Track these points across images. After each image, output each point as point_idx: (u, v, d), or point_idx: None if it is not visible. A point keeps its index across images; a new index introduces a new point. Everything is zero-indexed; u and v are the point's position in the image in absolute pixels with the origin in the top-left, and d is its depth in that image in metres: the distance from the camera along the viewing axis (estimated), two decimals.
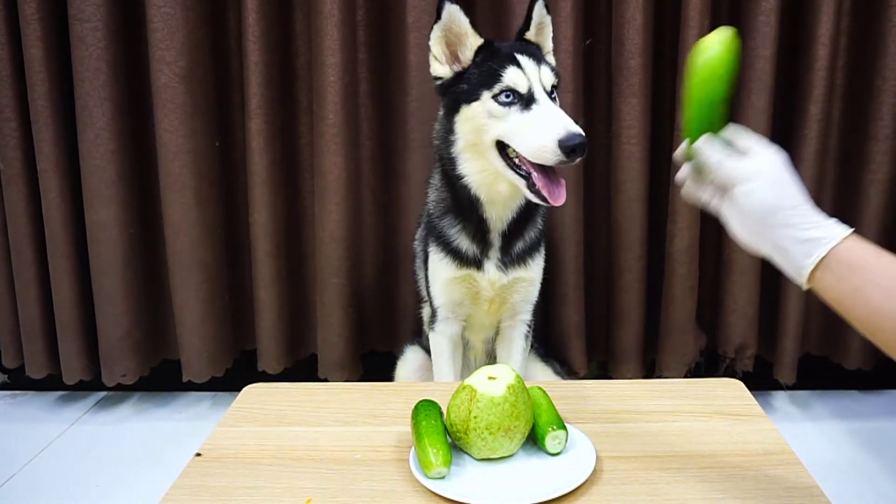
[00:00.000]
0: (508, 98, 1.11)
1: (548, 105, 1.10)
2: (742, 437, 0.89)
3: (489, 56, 1.16)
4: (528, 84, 1.12)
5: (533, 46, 1.22)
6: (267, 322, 1.80)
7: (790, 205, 0.68)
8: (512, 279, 1.27)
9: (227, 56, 1.75)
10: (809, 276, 0.66)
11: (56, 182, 1.72)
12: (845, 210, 1.72)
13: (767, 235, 0.69)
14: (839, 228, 0.67)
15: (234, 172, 1.80)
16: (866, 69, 1.64)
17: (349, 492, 0.79)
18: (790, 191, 0.68)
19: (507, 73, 1.11)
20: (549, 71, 1.16)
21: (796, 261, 0.67)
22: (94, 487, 1.54)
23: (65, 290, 1.78)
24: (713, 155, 0.72)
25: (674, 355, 1.77)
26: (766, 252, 0.70)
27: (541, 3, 1.22)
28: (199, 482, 0.82)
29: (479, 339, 1.43)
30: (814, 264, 0.65)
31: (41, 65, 1.64)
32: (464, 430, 0.81)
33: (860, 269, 0.63)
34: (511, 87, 1.11)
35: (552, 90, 1.15)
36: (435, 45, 1.20)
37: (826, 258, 0.65)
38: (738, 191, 0.69)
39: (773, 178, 0.69)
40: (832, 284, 0.65)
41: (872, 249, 0.64)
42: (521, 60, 1.13)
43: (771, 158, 0.70)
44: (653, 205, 1.71)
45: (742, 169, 0.70)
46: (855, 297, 0.63)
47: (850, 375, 1.82)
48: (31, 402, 1.98)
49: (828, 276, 0.65)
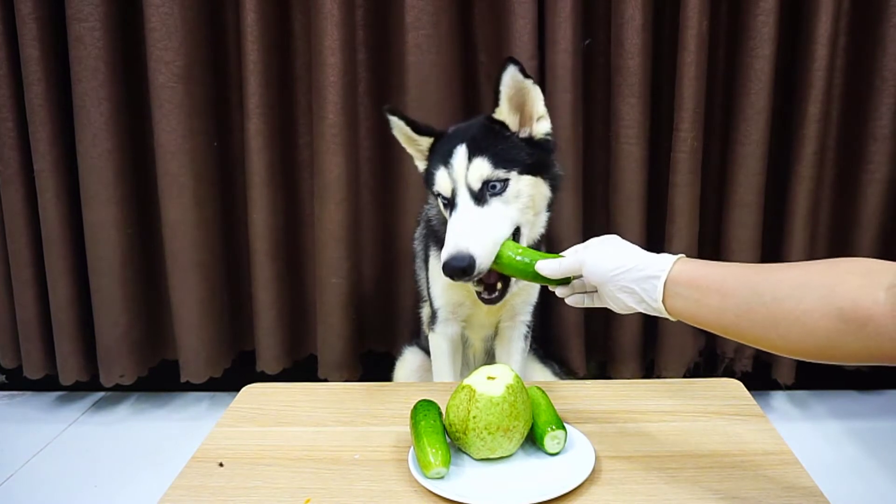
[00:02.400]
0: (444, 200, 1.11)
1: (463, 212, 1.04)
2: (741, 437, 0.89)
3: (437, 149, 1.14)
4: (452, 187, 1.07)
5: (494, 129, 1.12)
6: (266, 322, 1.80)
7: (624, 255, 0.78)
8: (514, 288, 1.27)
9: (226, 56, 1.75)
10: (665, 306, 0.74)
11: (53, 182, 1.71)
12: (844, 210, 1.73)
13: (620, 287, 0.77)
14: (668, 257, 0.75)
15: (232, 172, 1.80)
16: (865, 69, 1.64)
17: (348, 492, 0.79)
18: (622, 247, 0.80)
19: (436, 177, 1.10)
20: (485, 163, 1.05)
21: (648, 297, 0.75)
22: (92, 488, 1.54)
23: (62, 290, 1.78)
24: (551, 264, 0.85)
25: (673, 355, 1.77)
26: (630, 304, 0.77)
27: (512, 71, 1.07)
28: (198, 482, 0.82)
29: (478, 337, 1.42)
30: (661, 294, 0.73)
31: (38, 64, 1.64)
32: (463, 430, 0.81)
33: (695, 284, 0.71)
34: (439, 193, 1.10)
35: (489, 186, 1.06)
36: (404, 145, 1.24)
37: (667, 285, 0.73)
38: (585, 269, 0.80)
39: (604, 247, 0.81)
40: (682, 305, 0.72)
41: (701, 264, 0.73)
42: (453, 159, 1.07)
43: (596, 239, 0.84)
44: (652, 205, 1.71)
45: (578, 255, 0.82)
46: (700, 309, 0.71)
47: (849, 375, 1.83)
48: (28, 403, 1.97)
49: (677, 301, 0.73)
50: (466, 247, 0.98)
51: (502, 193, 1.06)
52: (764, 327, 0.65)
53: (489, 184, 1.06)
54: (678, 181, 1.64)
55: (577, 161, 1.67)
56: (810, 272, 0.64)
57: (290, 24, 1.72)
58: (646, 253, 0.78)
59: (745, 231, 1.67)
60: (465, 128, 1.14)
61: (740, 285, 0.68)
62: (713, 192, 1.73)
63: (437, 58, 1.63)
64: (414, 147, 1.23)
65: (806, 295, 0.62)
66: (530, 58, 1.61)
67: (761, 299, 0.65)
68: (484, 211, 1.04)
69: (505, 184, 1.07)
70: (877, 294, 0.58)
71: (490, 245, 0.99)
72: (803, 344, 0.63)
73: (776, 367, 1.77)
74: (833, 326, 0.60)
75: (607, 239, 0.83)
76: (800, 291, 0.63)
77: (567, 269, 0.84)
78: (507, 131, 1.11)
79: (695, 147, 1.62)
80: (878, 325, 0.57)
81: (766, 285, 0.66)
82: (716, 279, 0.70)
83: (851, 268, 0.63)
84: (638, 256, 0.77)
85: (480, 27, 1.69)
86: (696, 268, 0.73)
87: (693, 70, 1.57)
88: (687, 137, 1.60)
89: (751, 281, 0.67)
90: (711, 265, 0.72)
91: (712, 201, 1.74)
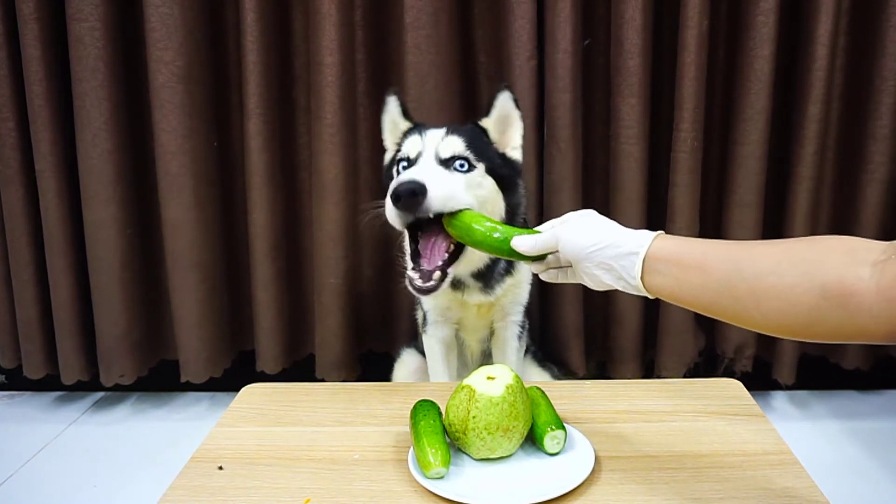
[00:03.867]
0: (404, 165, 1.08)
1: (419, 165, 1.03)
2: (740, 437, 0.88)
3: (414, 130, 1.16)
4: (419, 150, 1.07)
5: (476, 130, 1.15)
6: (265, 322, 1.80)
7: (601, 231, 0.75)
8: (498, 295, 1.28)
9: (226, 56, 1.75)
10: (644, 283, 0.71)
11: (54, 182, 1.72)
12: (844, 210, 1.73)
13: (597, 263, 0.74)
14: (647, 234, 0.73)
15: (232, 172, 1.80)
16: (865, 69, 1.64)
17: (347, 492, 0.79)
18: (599, 223, 0.77)
19: (405, 143, 1.10)
20: (459, 141, 1.07)
21: (626, 273, 0.72)
22: (91, 488, 1.54)
23: (63, 290, 1.78)
24: (528, 240, 0.82)
25: (672, 355, 1.77)
26: (607, 281, 0.75)
27: (506, 97, 1.12)
28: (197, 482, 0.82)
29: (473, 339, 1.42)
30: (639, 271, 0.71)
31: (39, 64, 1.64)
32: (462, 430, 0.81)
33: (675, 260, 0.69)
34: (404, 156, 1.09)
35: (457, 160, 1.06)
36: (385, 134, 1.24)
37: (647, 261, 0.70)
38: (561, 245, 0.78)
39: (581, 223, 0.78)
40: (661, 282, 0.70)
41: (681, 240, 0.71)
42: (429, 131, 1.08)
43: (573, 214, 0.81)
44: (652, 205, 1.71)
45: (555, 231, 0.79)
46: (681, 286, 0.69)
47: (849, 375, 1.83)
48: (28, 403, 1.97)
49: (655, 278, 0.70)
50: (421, 177, 0.94)
51: (467, 173, 1.06)
52: (745, 304, 0.64)
53: (457, 159, 1.06)
54: (678, 181, 1.64)
55: (577, 161, 1.67)
56: (793, 248, 0.64)
57: (289, 24, 1.72)
58: (624, 229, 0.75)
59: (745, 231, 1.67)
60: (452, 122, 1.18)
61: (721, 261, 0.66)
62: (713, 192, 1.73)
63: (437, 58, 1.63)
64: (394, 133, 1.23)
65: (788, 271, 0.61)
66: (530, 58, 1.61)
67: (742, 275, 0.64)
68: (445, 171, 1.05)
69: (472, 167, 1.08)
70: (860, 270, 0.57)
71: (447, 188, 0.95)
72: (785, 320, 0.62)
73: (776, 367, 1.77)
74: (815, 303, 0.59)
75: (584, 213, 0.80)
76: (782, 267, 0.62)
77: (544, 245, 0.81)
78: (488, 138, 1.16)
79: (695, 147, 1.62)
80: (861, 301, 0.57)
81: (748, 261, 0.64)
82: (696, 255, 0.68)
83: (835, 245, 0.62)
84: (616, 233, 0.75)
85: (480, 27, 1.69)
86: (675, 244, 0.70)
87: (693, 70, 1.57)
88: (687, 137, 1.60)
89: (732, 257, 0.66)
90: (692, 241, 0.71)
91: (712, 201, 1.74)
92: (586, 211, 0.81)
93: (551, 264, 0.85)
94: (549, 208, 1.69)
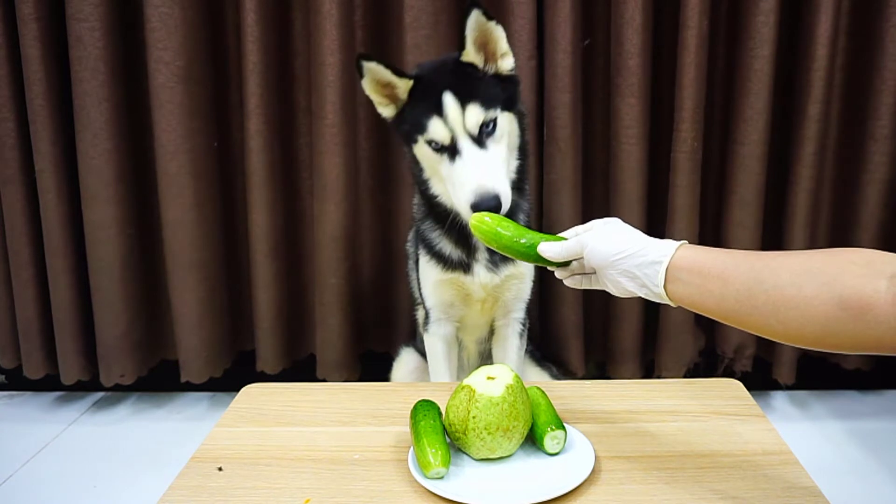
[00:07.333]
0: (437, 146, 1.12)
1: (470, 157, 1.09)
2: (741, 437, 0.88)
3: (420, 95, 1.15)
4: (451, 134, 1.10)
5: (467, 71, 1.15)
6: (265, 322, 1.80)
7: (626, 240, 0.77)
8: (504, 277, 1.27)
9: (226, 56, 1.75)
10: (667, 291, 0.73)
11: (54, 182, 1.72)
12: (844, 210, 1.73)
13: (622, 271, 0.77)
14: (671, 243, 0.75)
15: (232, 172, 1.80)
16: (865, 69, 1.64)
17: (347, 492, 0.79)
18: (624, 231, 0.79)
19: (430, 126, 1.11)
20: (478, 108, 1.09)
21: (649, 282, 0.74)
22: (91, 488, 1.54)
23: (62, 290, 1.78)
24: (554, 247, 0.84)
25: (672, 355, 1.77)
26: (630, 288, 0.77)
27: (476, 14, 1.11)
28: (198, 483, 0.82)
29: (471, 339, 1.42)
30: (662, 280, 0.73)
31: (39, 64, 1.64)
32: (462, 430, 0.81)
33: (697, 270, 0.71)
34: (435, 140, 1.12)
35: (485, 128, 1.11)
36: (370, 94, 1.21)
37: (669, 270, 0.73)
38: (586, 252, 0.80)
39: (606, 230, 0.80)
40: (683, 291, 0.72)
41: (703, 250, 0.73)
42: (445, 106, 1.09)
43: (598, 222, 0.83)
44: (652, 205, 1.71)
45: (581, 238, 0.82)
46: (702, 295, 0.71)
47: (849, 375, 1.83)
48: (28, 403, 1.97)
49: (678, 286, 0.73)
50: (493, 185, 1.04)
51: (494, 133, 1.11)
52: (764, 314, 0.66)
53: (483, 126, 1.10)
54: (678, 181, 1.64)
55: (577, 161, 1.67)
56: (812, 260, 0.65)
57: (289, 24, 1.72)
58: (648, 238, 0.77)
59: (745, 231, 1.67)
60: (439, 70, 1.17)
61: (742, 272, 0.68)
62: (713, 192, 1.73)
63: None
64: (386, 93, 1.20)
65: (807, 282, 0.63)
66: (529, 58, 1.61)
67: (762, 286, 0.66)
68: (487, 154, 1.10)
69: (495, 123, 1.12)
70: (878, 283, 0.59)
71: (507, 182, 1.08)
72: (803, 331, 0.63)
73: (776, 367, 1.77)
74: (833, 314, 0.61)
75: (609, 221, 0.82)
76: (801, 279, 0.63)
77: (569, 251, 0.83)
78: (478, 72, 1.15)
79: (695, 147, 1.62)
80: (879, 314, 0.58)
81: (768, 272, 0.66)
82: (717, 265, 0.70)
83: (854, 257, 0.63)
84: (641, 241, 0.77)
85: None
86: (698, 254, 0.73)
87: (693, 70, 1.57)
88: (687, 137, 1.60)
89: (753, 268, 0.68)
90: (714, 251, 0.73)
91: (712, 201, 1.74)
92: (611, 219, 0.83)
93: (575, 270, 0.87)
94: (549, 208, 1.69)
